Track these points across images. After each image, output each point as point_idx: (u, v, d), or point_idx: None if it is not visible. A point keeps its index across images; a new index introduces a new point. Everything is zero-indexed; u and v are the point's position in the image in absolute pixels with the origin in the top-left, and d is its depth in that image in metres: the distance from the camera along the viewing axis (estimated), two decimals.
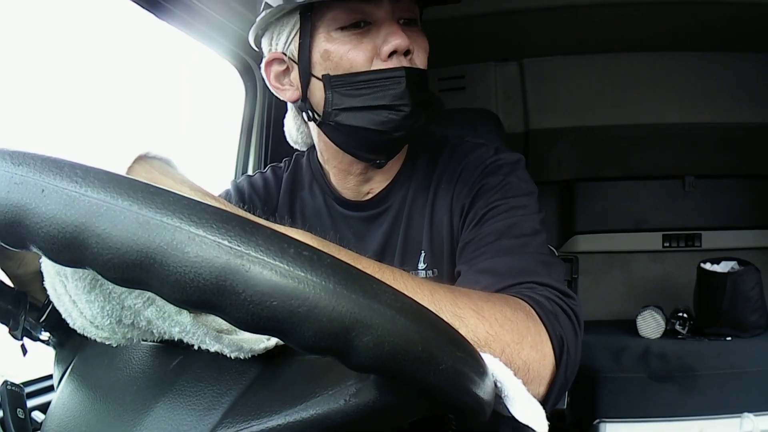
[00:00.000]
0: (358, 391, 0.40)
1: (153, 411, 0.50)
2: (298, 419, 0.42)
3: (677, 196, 2.62)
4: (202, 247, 0.31)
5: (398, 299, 0.35)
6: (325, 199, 1.01)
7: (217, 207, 0.33)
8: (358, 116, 0.84)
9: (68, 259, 0.33)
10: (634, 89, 2.34)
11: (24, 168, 0.33)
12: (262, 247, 0.32)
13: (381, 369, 0.34)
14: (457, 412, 0.41)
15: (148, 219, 0.31)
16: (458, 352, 0.37)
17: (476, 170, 0.91)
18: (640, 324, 2.27)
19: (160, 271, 0.31)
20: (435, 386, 0.36)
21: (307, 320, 0.31)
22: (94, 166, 0.34)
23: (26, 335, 0.65)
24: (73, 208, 0.32)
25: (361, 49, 0.83)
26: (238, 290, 0.31)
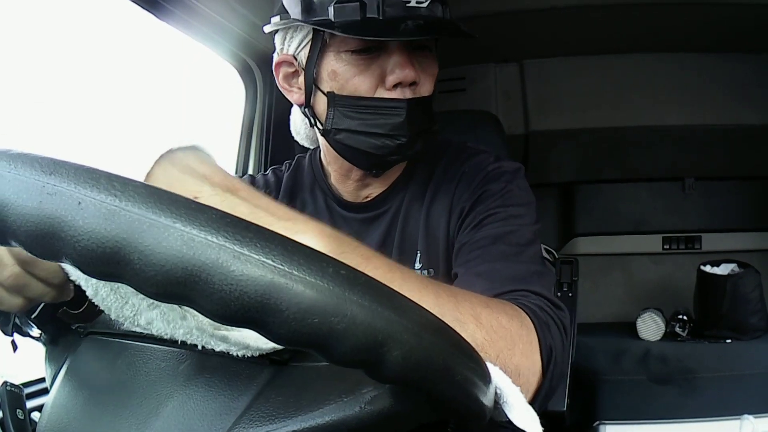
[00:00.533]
0: (373, 398, 0.42)
1: (161, 415, 0.49)
2: (314, 425, 0.43)
3: (677, 198, 2.62)
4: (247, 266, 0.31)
5: (423, 315, 0.37)
6: (326, 200, 1.02)
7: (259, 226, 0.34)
8: (356, 138, 0.87)
9: (105, 273, 0.32)
10: (634, 91, 2.34)
11: (57, 178, 0.33)
12: (304, 267, 0.33)
13: (405, 380, 0.36)
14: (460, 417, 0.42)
15: (192, 237, 0.31)
16: (471, 363, 0.39)
17: (477, 176, 0.93)
18: (640, 326, 2.27)
19: (205, 289, 0.31)
20: (449, 395, 0.38)
21: (345, 336, 0.33)
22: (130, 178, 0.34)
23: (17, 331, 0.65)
24: (114, 222, 0.31)
25: (367, 76, 0.85)
26: (281, 308, 0.32)
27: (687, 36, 2.09)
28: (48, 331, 0.65)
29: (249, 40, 1.55)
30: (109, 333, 0.61)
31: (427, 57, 0.88)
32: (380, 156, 0.87)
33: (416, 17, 0.81)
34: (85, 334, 0.63)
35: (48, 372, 0.65)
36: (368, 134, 0.86)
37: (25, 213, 0.32)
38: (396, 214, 0.99)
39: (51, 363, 0.64)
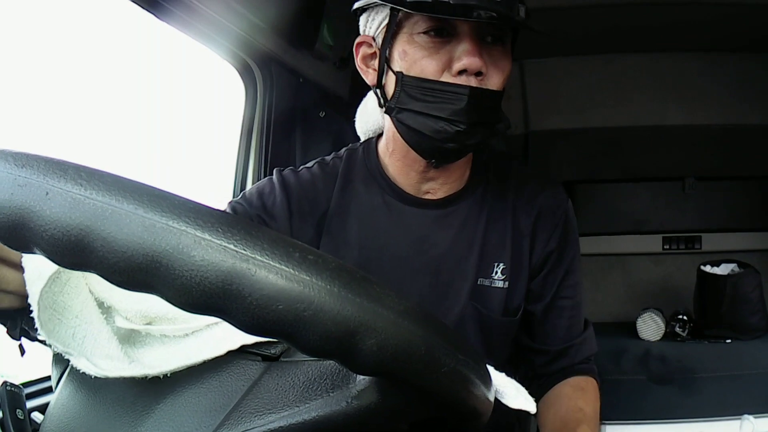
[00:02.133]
0: (359, 393, 0.41)
1: (155, 413, 0.50)
2: (300, 421, 0.42)
3: (677, 197, 2.62)
4: (208, 251, 0.31)
5: (401, 302, 0.35)
6: (384, 196, 1.02)
7: (221, 211, 0.33)
8: (417, 119, 0.88)
9: (72, 262, 0.32)
10: (634, 90, 2.34)
11: (28, 170, 0.33)
12: (267, 251, 0.32)
13: (384, 372, 0.34)
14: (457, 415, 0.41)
15: (153, 222, 0.31)
16: (461, 355, 0.38)
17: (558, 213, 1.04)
18: (640, 326, 2.27)
19: (166, 275, 0.31)
20: (437, 389, 0.37)
21: (313, 324, 0.32)
22: (99, 169, 0.34)
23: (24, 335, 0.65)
24: (78, 211, 0.31)
25: (435, 59, 0.87)
26: (244, 294, 0.31)
27: (687, 36, 2.09)
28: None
29: (249, 40, 1.55)
30: None
31: (499, 51, 0.89)
32: (438, 141, 0.88)
33: (489, 8, 0.82)
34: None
35: (54, 374, 0.65)
36: (428, 116, 0.87)
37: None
38: (471, 220, 1.02)
39: (57, 365, 0.65)
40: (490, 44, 0.88)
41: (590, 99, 2.37)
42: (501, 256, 1.01)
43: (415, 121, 0.89)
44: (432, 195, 1.01)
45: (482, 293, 1.01)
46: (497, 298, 1.01)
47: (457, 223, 1.01)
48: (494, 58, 0.88)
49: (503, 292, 1.01)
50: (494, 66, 0.88)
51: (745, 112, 2.31)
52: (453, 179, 1.01)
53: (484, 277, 1.01)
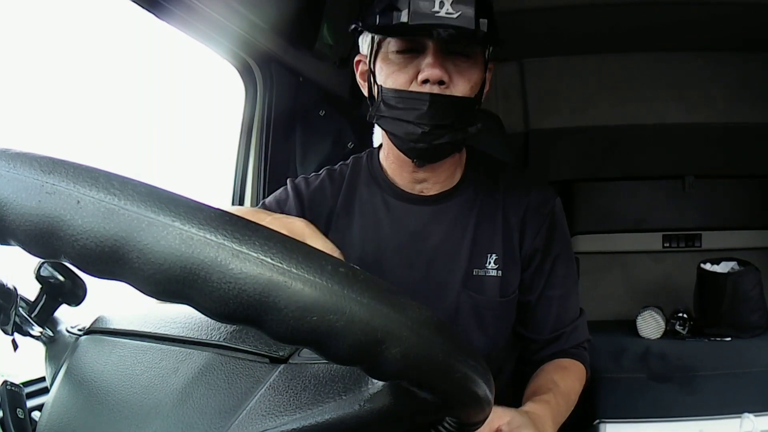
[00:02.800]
0: (372, 396, 0.42)
1: (161, 413, 0.50)
2: (313, 423, 0.43)
3: (677, 196, 2.62)
4: (246, 263, 0.31)
5: (422, 312, 0.37)
6: (383, 195, 1.14)
7: (257, 224, 0.34)
8: (392, 124, 1.02)
9: (104, 271, 0.32)
10: (634, 89, 2.34)
11: (56, 177, 0.33)
12: (302, 264, 0.33)
13: (404, 377, 0.36)
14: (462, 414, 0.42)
15: (191, 235, 0.31)
16: (471, 360, 0.39)
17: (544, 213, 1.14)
18: (640, 324, 2.27)
19: (204, 287, 0.31)
20: (450, 392, 0.39)
21: (344, 334, 0.33)
22: (129, 177, 0.34)
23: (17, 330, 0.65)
24: (113, 221, 0.31)
25: (404, 72, 1.00)
26: (280, 306, 0.32)
27: (687, 35, 2.09)
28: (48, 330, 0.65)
29: (249, 40, 1.55)
30: (109, 331, 0.61)
31: (465, 62, 1.01)
32: (409, 141, 1.01)
33: (447, 26, 0.95)
34: (85, 332, 0.63)
35: (48, 371, 0.65)
36: (400, 121, 1.00)
37: (24, 212, 0.32)
38: (462, 215, 1.12)
39: (51, 361, 0.65)
40: (453, 57, 1.00)
41: (590, 98, 2.37)
42: (493, 247, 1.12)
43: (391, 125, 1.03)
44: (426, 192, 1.13)
45: (477, 282, 1.11)
46: (492, 285, 1.12)
47: (449, 218, 1.12)
48: (460, 68, 1.01)
49: (498, 280, 1.12)
50: (459, 75, 1.00)
51: (745, 112, 2.31)
52: (443, 178, 1.12)
53: (479, 268, 1.11)
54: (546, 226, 1.13)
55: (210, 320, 0.55)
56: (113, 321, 0.62)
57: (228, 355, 0.52)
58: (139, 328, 0.59)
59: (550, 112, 2.43)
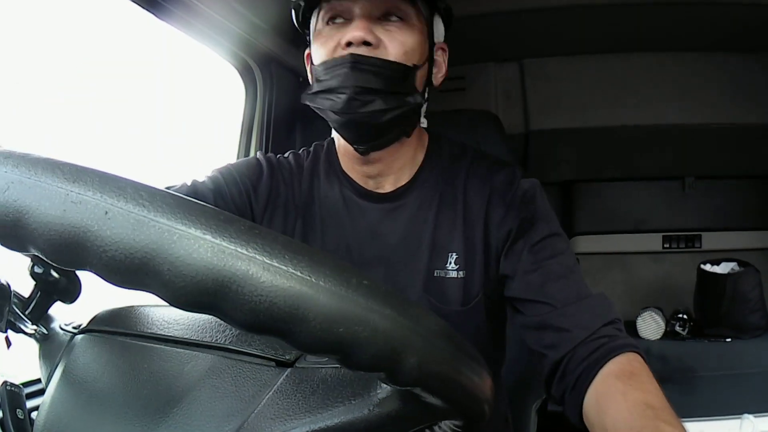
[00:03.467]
0: (381, 401, 0.43)
1: (168, 417, 0.50)
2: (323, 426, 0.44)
3: (677, 196, 2.62)
4: (276, 277, 0.32)
5: (437, 323, 0.38)
6: (342, 189, 1.05)
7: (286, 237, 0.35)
8: (317, 99, 0.92)
9: (132, 282, 0.32)
10: (634, 90, 2.33)
11: (81, 186, 0.32)
12: (330, 277, 0.34)
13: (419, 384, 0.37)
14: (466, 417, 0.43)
15: (223, 248, 0.32)
16: (477, 366, 0.41)
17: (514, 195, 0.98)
18: (640, 325, 2.27)
19: (235, 299, 0.32)
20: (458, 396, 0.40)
21: (367, 344, 0.34)
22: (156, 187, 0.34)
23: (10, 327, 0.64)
24: (143, 233, 0.31)
25: (330, 42, 0.91)
26: (309, 318, 0.32)
27: (687, 35, 2.09)
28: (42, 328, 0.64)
29: (249, 40, 1.55)
30: (107, 331, 0.61)
31: (394, 25, 0.92)
32: (337, 114, 0.90)
33: None
34: (81, 331, 0.62)
35: (42, 370, 0.64)
36: (324, 92, 0.90)
37: (48, 221, 0.32)
38: (420, 211, 1.01)
39: (45, 360, 0.64)
40: (384, 21, 0.91)
41: (590, 99, 2.37)
42: (453, 245, 0.99)
43: (318, 101, 0.92)
44: (382, 189, 1.02)
45: (438, 284, 1.00)
46: (454, 288, 0.99)
47: (405, 216, 1.02)
48: (390, 31, 0.91)
49: (460, 282, 0.99)
50: (390, 38, 0.90)
51: (745, 112, 2.30)
52: (395, 171, 1.01)
53: (439, 268, 1.00)
54: (516, 209, 0.97)
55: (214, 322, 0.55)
56: (112, 320, 0.62)
57: (234, 358, 0.52)
58: (139, 329, 0.59)
59: (550, 112, 2.42)
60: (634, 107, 2.36)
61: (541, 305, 0.90)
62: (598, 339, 0.83)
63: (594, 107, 2.38)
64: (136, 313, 0.61)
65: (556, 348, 0.86)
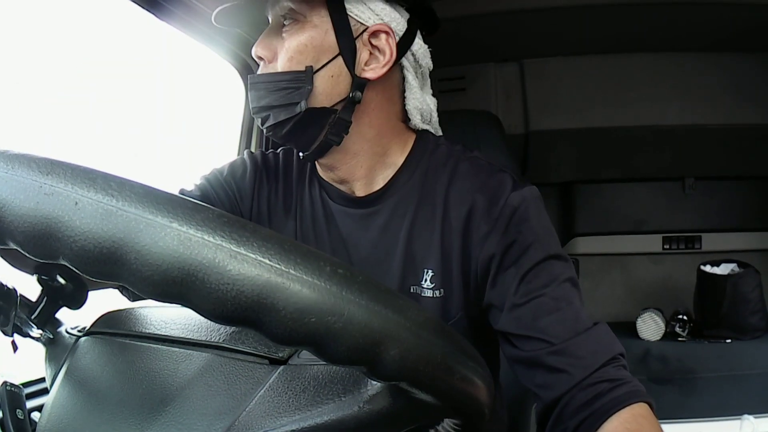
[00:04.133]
0: (371, 397, 0.42)
1: (161, 415, 0.50)
2: (313, 425, 0.43)
3: (677, 197, 2.62)
4: (243, 265, 0.31)
5: (421, 314, 0.37)
6: (321, 192, 0.98)
7: (256, 225, 0.34)
8: None
9: (102, 272, 0.32)
10: (634, 90, 2.33)
11: (54, 178, 0.33)
12: (300, 265, 0.33)
13: (403, 379, 0.36)
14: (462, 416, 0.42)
15: (189, 236, 0.31)
16: (471, 362, 0.39)
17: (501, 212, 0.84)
18: (640, 326, 2.27)
19: (202, 288, 0.31)
20: (449, 394, 0.38)
21: (342, 335, 0.33)
22: (127, 178, 0.34)
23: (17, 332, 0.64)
24: (111, 222, 0.31)
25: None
26: (278, 307, 0.32)
27: (687, 35, 2.09)
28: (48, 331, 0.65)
29: (249, 40, 1.55)
30: (108, 333, 0.61)
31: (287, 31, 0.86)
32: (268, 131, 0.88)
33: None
34: (85, 333, 0.63)
35: (48, 372, 0.65)
36: None
37: (22, 213, 0.32)
38: (393, 221, 0.91)
39: (51, 363, 0.64)
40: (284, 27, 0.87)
41: (590, 99, 2.37)
42: (428, 261, 0.88)
43: None
44: (360, 192, 0.93)
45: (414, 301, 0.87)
46: (430, 307, 0.87)
47: (377, 225, 0.92)
48: (283, 39, 0.86)
49: (437, 302, 0.88)
50: (282, 47, 0.86)
51: (745, 112, 2.30)
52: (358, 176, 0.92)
53: (414, 285, 0.89)
54: (501, 229, 0.83)
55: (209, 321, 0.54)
56: (113, 322, 0.62)
57: (227, 356, 0.52)
58: (139, 330, 0.59)
59: (550, 112, 2.42)
60: (634, 107, 2.36)
61: (533, 341, 0.79)
62: (599, 383, 0.76)
63: (594, 107, 2.38)
64: (136, 315, 0.61)
65: (551, 388, 0.78)
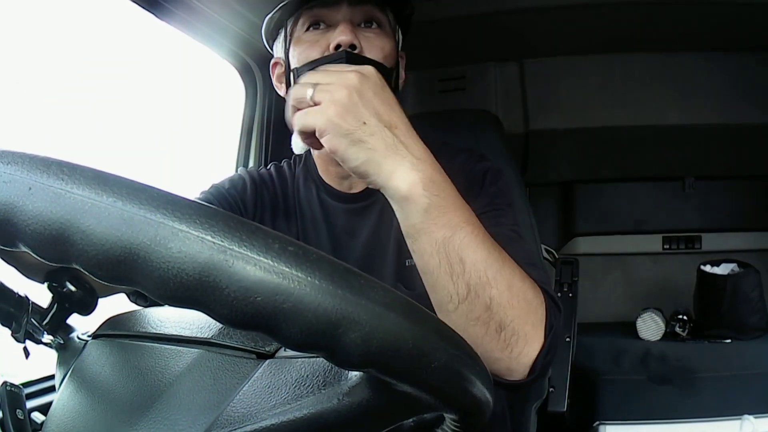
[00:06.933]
0: (350, 390, 0.40)
1: (150, 411, 0.50)
2: (292, 419, 0.42)
3: (677, 197, 2.62)
4: (185, 242, 0.31)
5: (387, 295, 0.34)
6: (318, 192, 1.09)
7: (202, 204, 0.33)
8: None
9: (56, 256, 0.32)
10: (633, 90, 2.33)
11: (13, 167, 0.33)
12: (246, 243, 0.31)
13: (370, 366, 0.34)
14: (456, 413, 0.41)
15: (132, 215, 0.31)
16: (451, 349, 0.37)
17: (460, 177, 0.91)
18: (640, 326, 2.27)
19: (144, 267, 0.31)
20: (428, 384, 0.36)
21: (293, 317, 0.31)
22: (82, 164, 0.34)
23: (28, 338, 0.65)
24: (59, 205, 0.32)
25: (317, 46, 0.95)
26: (221, 286, 0.31)
27: (687, 35, 2.09)
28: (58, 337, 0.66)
29: (249, 40, 1.55)
30: (111, 335, 0.62)
31: (374, 32, 0.98)
32: None
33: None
34: (93, 336, 0.64)
35: (58, 375, 0.65)
36: None
37: None
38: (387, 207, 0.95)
39: (61, 367, 0.65)
40: (365, 27, 0.97)
41: (590, 98, 2.37)
42: None
43: None
44: (356, 188, 1.06)
45: (409, 273, 0.99)
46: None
47: (375, 213, 1.05)
48: (369, 38, 0.96)
49: None
50: (369, 44, 0.95)
51: (745, 112, 2.30)
52: None
53: (408, 258, 0.95)
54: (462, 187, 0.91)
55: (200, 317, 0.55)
56: (117, 324, 0.62)
57: (216, 351, 0.52)
58: (139, 330, 0.59)
59: (550, 112, 2.42)
60: (634, 107, 2.36)
61: None
62: None
63: (594, 107, 2.38)
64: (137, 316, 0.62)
65: None
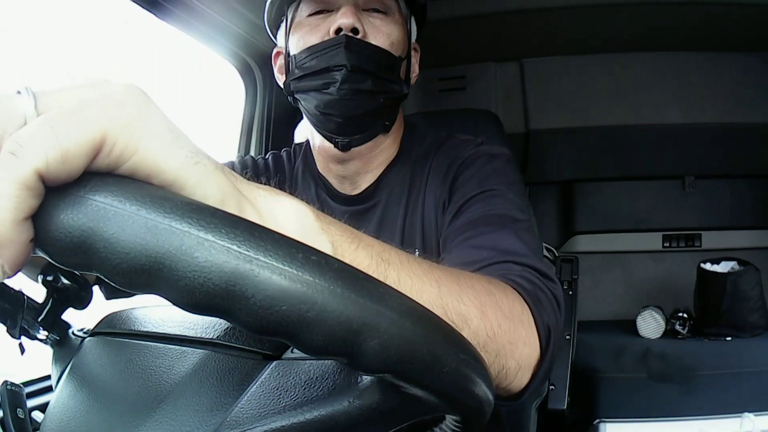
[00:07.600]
0: (361, 392, 0.41)
1: (156, 411, 0.50)
2: (302, 420, 0.42)
3: (677, 196, 2.62)
4: (211, 252, 0.31)
5: (404, 303, 0.35)
6: (317, 190, 1.04)
7: (225, 212, 0.33)
8: (305, 82, 0.92)
9: (76, 263, 0.32)
10: (634, 89, 2.33)
11: None
12: (271, 252, 0.32)
13: (387, 371, 0.34)
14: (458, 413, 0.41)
15: (156, 223, 0.31)
16: (462, 354, 0.38)
17: (454, 164, 0.94)
18: (640, 324, 2.27)
19: (169, 276, 0.31)
20: (439, 388, 0.37)
21: (316, 324, 0.32)
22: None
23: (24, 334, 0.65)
24: (80, 212, 0.31)
25: (319, 30, 0.91)
26: (247, 295, 0.31)
27: (687, 35, 2.09)
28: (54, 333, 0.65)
29: (249, 40, 1.55)
30: (110, 333, 0.62)
31: (379, 18, 0.94)
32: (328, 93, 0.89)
33: None
34: (90, 334, 0.63)
35: (54, 373, 0.65)
36: (313, 74, 0.90)
37: None
38: (389, 210, 0.99)
39: (57, 364, 0.65)
40: (370, 13, 0.93)
41: (590, 97, 2.37)
42: (415, 241, 0.96)
43: (303, 85, 0.92)
44: (358, 189, 1.01)
45: None
46: None
47: (375, 218, 1.00)
48: (375, 23, 0.92)
49: None
50: (373, 29, 0.92)
51: (745, 111, 2.30)
52: (371, 168, 1.00)
53: None
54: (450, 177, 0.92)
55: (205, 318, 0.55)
56: (116, 322, 0.62)
57: (222, 352, 0.52)
58: (139, 329, 0.59)
59: (550, 112, 2.42)
60: (634, 106, 2.36)
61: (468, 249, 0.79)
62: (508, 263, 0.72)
63: (594, 107, 2.38)
64: (137, 314, 0.62)
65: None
